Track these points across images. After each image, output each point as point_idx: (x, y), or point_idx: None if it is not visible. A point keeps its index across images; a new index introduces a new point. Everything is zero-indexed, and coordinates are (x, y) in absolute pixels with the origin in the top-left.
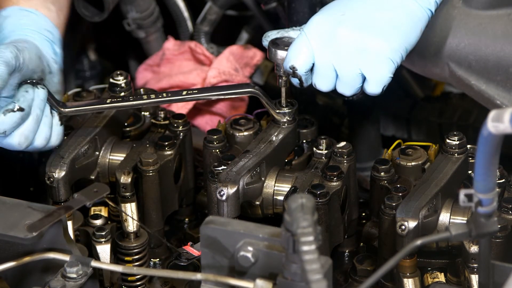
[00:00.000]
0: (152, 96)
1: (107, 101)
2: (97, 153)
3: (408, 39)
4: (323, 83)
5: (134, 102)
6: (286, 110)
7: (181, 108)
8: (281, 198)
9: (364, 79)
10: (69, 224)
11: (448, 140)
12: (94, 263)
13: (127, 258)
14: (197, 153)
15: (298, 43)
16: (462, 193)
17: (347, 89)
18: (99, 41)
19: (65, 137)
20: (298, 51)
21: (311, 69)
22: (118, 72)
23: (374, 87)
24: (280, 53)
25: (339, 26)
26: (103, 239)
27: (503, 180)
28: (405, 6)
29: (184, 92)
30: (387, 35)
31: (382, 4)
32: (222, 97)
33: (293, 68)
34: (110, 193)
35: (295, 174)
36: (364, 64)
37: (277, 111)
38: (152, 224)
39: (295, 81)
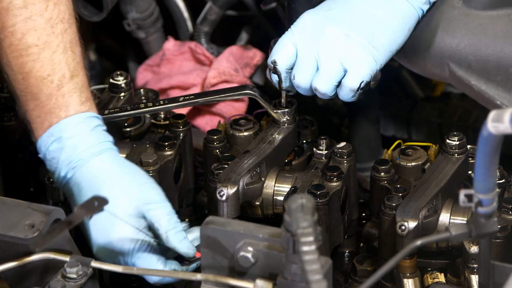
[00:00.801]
0: (150, 104)
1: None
2: None
3: (395, 38)
4: (302, 76)
5: (134, 112)
6: (284, 109)
7: (180, 108)
8: (281, 198)
9: (343, 76)
10: None
11: (448, 141)
12: (94, 263)
13: None
14: (197, 153)
15: (283, 38)
16: (462, 194)
17: (324, 82)
18: (99, 41)
19: None
20: (282, 46)
21: (293, 68)
22: (118, 73)
23: (353, 80)
24: None
25: (325, 21)
26: None
27: (503, 180)
28: (394, 4)
29: (181, 98)
30: (373, 32)
31: (370, 2)
32: (220, 100)
33: (274, 62)
34: None
35: (295, 175)
36: (346, 56)
37: (276, 110)
38: None
39: (274, 78)
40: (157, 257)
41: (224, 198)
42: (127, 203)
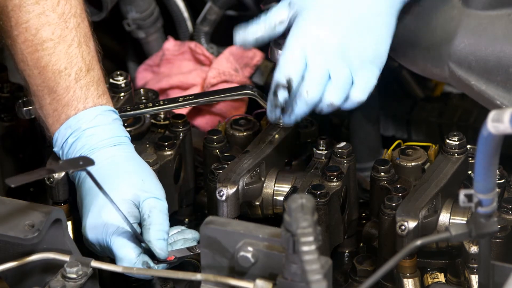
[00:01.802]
0: (150, 104)
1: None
2: None
3: (390, 34)
4: (314, 89)
5: (134, 112)
6: None
7: (180, 108)
8: (281, 198)
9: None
10: (69, 224)
11: (448, 141)
12: (94, 263)
13: None
14: (197, 153)
15: (288, 50)
16: (462, 194)
17: (338, 93)
18: (99, 41)
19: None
20: (291, 59)
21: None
22: (118, 72)
23: (360, 94)
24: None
25: (323, 28)
26: None
27: (503, 180)
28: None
29: (181, 98)
30: (371, 40)
31: (371, 7)
32: (220, 100)
33: (289, 80)
34: None
35: (294, 175)
36: (355, 68)
37: None
38: None
39: (282, 96)
40: (133, 246)
41: (224, 198)
42: (126, 188)
